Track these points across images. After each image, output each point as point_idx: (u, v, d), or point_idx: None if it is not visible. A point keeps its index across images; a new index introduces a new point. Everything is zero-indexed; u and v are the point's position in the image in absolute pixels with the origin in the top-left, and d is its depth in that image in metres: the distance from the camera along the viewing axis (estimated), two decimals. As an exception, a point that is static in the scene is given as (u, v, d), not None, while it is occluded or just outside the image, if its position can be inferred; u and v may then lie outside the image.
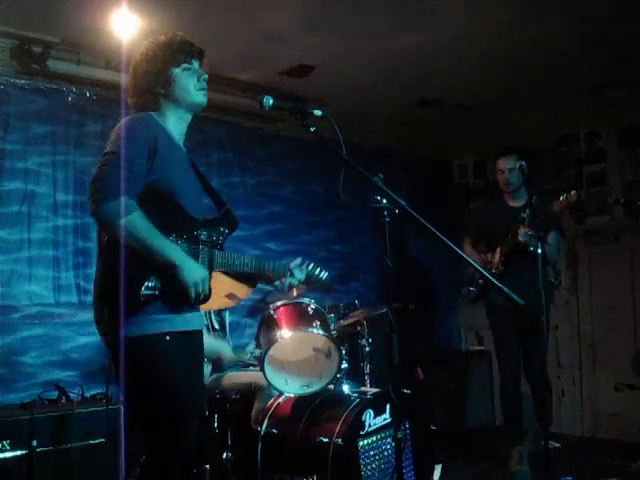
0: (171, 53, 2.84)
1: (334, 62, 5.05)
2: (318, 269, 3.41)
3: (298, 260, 3.23)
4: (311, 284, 3.48)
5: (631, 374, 6.14)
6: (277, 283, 3.17)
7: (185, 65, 2.86)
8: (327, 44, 4.74)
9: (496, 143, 5.69)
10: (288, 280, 3.15)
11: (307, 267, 3.29)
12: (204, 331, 3.10)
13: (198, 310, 2.92)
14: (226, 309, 4.90)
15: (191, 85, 2.86)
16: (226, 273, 3.13)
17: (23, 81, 4.65)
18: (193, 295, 2.65)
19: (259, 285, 3.37)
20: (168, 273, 2.60)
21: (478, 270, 3.12)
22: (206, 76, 2.93)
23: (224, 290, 4.24)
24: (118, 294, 2.52)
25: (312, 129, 2.74)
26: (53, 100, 4.80)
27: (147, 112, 2.81)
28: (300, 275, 3.18)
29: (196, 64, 2.91)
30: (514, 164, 4.95)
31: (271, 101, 2.74)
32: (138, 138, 2.65)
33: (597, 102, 5.82)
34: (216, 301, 4.33)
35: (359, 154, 2.72)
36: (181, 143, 2.93)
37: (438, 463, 4.28)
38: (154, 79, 2.82)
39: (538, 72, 5.29)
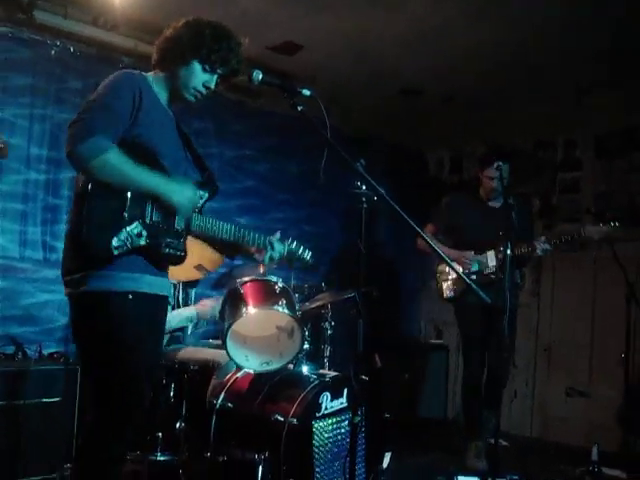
0: (212, 48, 2.77)
1: (321, 43, 5.04)
2: (301, 248, 3.39)
3: (278, 234, 3.20)
4: (293, 262, 3.42)
5: (583, 381, 6.24)
6: (256, 256, 3.15)
7: (208, 67, 2.81)
8: (316, 24, 4.72)
9: (474, 139, 5.72)
10: (268, 253, 3.11)
11: (289, 243, 3.27)
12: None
13: (166, 276, 2.90)
14: (194, 283, 4.88)
15: (195, 83, 2.82)
16: (205, 240, 3.12)
17: (6, 29, 4.57)
18: (190, 211, 2.73)
19: (227, 258, 3.35)
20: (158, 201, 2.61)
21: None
22: (212, 87, 2.87)
23: (192, 262, 4.24)
24: (87, 246, 2.50)
25: (299, 108, 2.73)
26: (36, 52, 4.72)
27: (138, 72, 2.80)
28: (280, 248, 3.16)
29: (218, 74, 2.85)
30: (507, 173, 4.96)
31: (260, 76, 2.73)
32: (122, 88, 2.64)
33: (577, 105, 5.87)
34: (184, 272, 4.34)
35: (338, 137, 2.71)
36: (167, 107, 2.91)
37: (388, 451, 4.32)
38: (179, 50, 2.79)
39: (520, 71, 5.32)
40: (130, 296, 2.60)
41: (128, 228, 2.55)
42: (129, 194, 2.55)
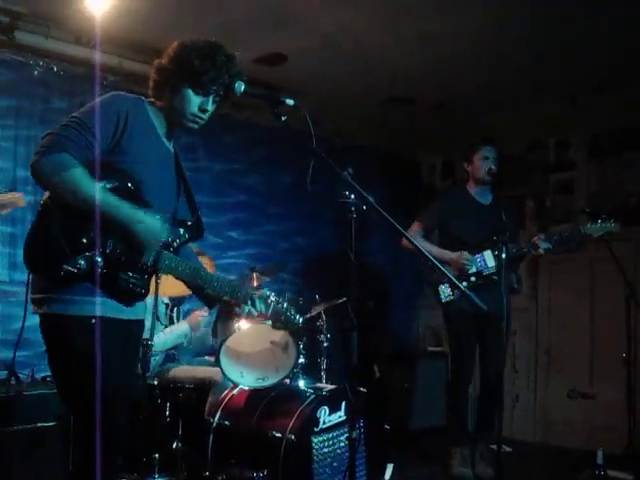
0: (198, 71, 2.67)
1: (307, 54, 5.01)
2: (292, 310, 3.18)
3: (265, 292, 3.04)
4: (277, 323, 3.22)
5: (585, 383, 6.19)
6: (236, 309, 2.96)
7: (200, 90, 2.71)
8: (300, 36, 4.69)
9: (466, 144, 5.68)
10: (247, 308, 2.93)
11: (278, 303, 3.07)
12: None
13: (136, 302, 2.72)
14: (183, 301, 4.83)
15: (190, 109, 2.72)
16: (183, 282, 2.94)
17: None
18: (149, 250, 2.54)
19: (220, 273, 3.28)
20: (120, 233, 2.46)
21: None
22: (210, 109, 2.78)
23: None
24: (38, 266, 2.42)
25: (283, 118, 2.69)
26: (19, 73, 4.69)
27: (135, 96, 2.70)
28: (262, 307, 2.96)
29: (214, 94, 2.75)
30: (496, 154, 4.98)
31: (243, 87, 2.69)
32: (107, 111, 2.52)
33: (570, 107, 5.85)
34: (175, 288, 4.27)
35: (329, 148, 2.68)
36: (165, 140, 2.80)
37: (390, 462, 4.27)
38: (167, 79, 2.73)
39: (510, 73, 5.31)
40: (93, 320, 2.45)
41: (85, 254, 2.41)
42: (93, 218, 2.40)
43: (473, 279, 4.93)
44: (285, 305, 3.12)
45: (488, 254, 4.95)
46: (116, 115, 2.53)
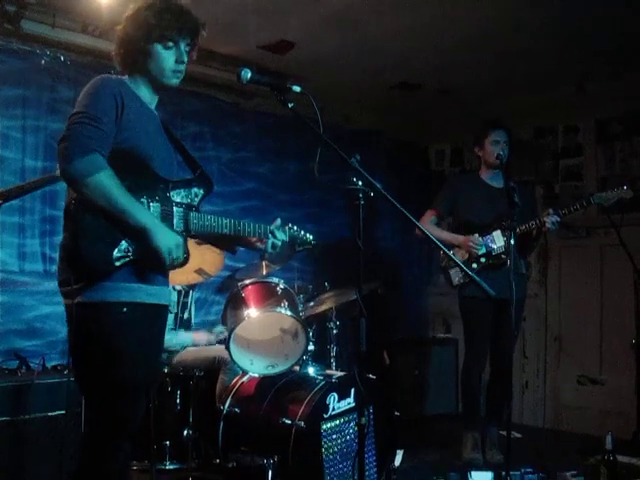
0: (159, 25, 2.70)
1: (314, 40, 4.99)
2: (302, 231, 3.36)
3: (278, 221, 3.15)
4: (295, 246, 3.36)
5: (595, 368, 6.18)
6: (258, 244, 3.11)
7: (170, 43, 2.73)
8: (307, 21, 4.67)
9: (475, 129, 5.66)
10: (270, 241, 3.07)
11: (290, 228, 3.24)
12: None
13: (166, 284, 2.85)
14: (194, 288, 4.85)
15: (168, 65, 2.76)
16: (205, 238, 3.06)
17: (-6, 41, 4.54)
18: (167, 262, 2.58)
19: (229, 262, 3.31)
20: (139, 237, 2.52)
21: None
22: (186, 59, 2.81)
23: (193, 265, 4.20)
24: (88, 258, 2.46)
25: (290, 105, 2.69)
26: (26, 62, 4.68)
27: (118, 77, 2.76)
28: (282, 236, 3.11)
29: (183, 43, 2.78)
30: (507, 138, 5.00)
31: (249, 74, 2.68)
32: (105, 96, 2.57)
33: (578, 91, 5.82)
34: (185, 276, 4.31)
35: (338, 134, 2.68)
36: (152, 107, 2.87)
37: (400, 449, 4.28)
38: (134, 46, 2.74)
39: (518, 59, 5.27)
40: (125, 308, 2.54)
41: (125, 240, 2.52)
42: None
43: (483, 260, 4.95)
44: (296, 228, 3.31)
45: (497, 234, 4.96)
46: (113, 97, 2.59)
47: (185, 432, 4.09)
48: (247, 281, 4.08)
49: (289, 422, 3.65)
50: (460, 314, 5.26)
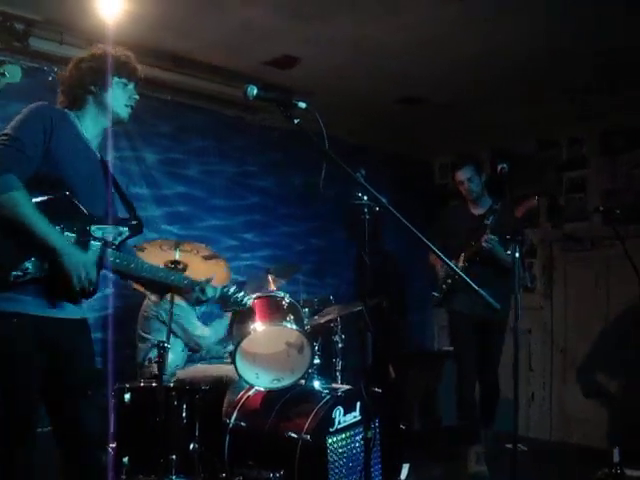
0: (118, 64, 2.92)
1: (318, 55, 5.01)
2: (241, 293, 3.39)
3: (212, 276, 3.21)
4: (227, 305, 3.42)
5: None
6: (186, 295, 3.15)
7: (125, 80, 2.94)
8: (312, 37, 4.70)
9: (478, 143, 5.70)
10: (195, 294, 3.10)
11: (224, 289, 3.27)
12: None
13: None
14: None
15: (123, 98, 2.94)
16: (127, 278, 3.05)
17: (3, 58, 4.57)
18: (76, 283, 2.60)
19: (235, 276, 3.33)
20: (49, 259, 2.55)
21: (451, 274, 3.08)
22: (137, 98, 3.00)
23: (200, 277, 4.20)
24: None
25: (295, 121, 2.70)
26: (33, 79, 4.71)
27: (59, 108, 2.87)
28: (211, 292, 3.15)
29: (132, 85, 2.98)
30: (471, 173, 5.17)
31: (255, 91, 2.70)
32: (34, 123, 2.65)
33: (580, 104, 5.83)
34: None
35: (341, 148, 2.70)
36: (94, 144, 2.94)
37: (406, 462, 4.27)
38: (95, 77, 2.88)
39: (521, 72, 5.28)
40: (15, 319, 2.56)
41: (31, 259, 2.54)
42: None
43: (449, 281, 5.16)
44: (233, 290, 3.34)
45: (461, 257, 5.09)
46: (42, 124, 2.66)
47: (191, 446, 4.08)
48: (253, 295, 4.09)
49: (295, 436, 3.66)
50: (449, 330, 5.38)
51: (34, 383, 2.67)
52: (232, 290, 3.33)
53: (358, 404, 3.91)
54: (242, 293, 3.39)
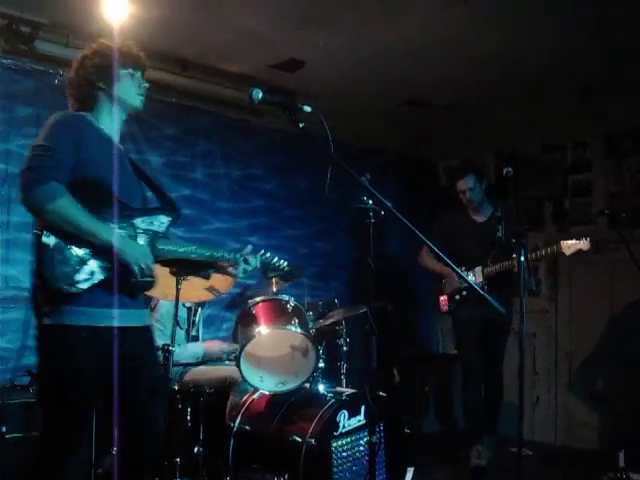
0: (122, 56, 2.94)
1: (323, 59, 5.02)
2: (276, 257, 3.41)
3: (249, 247, 3.22)
4: (268, 272, 3.44)
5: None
6: (230, 270, 3.20)
7: (131, 71, 2.97)
8: (316, 41, 4.70)
9: (483, 146, 5.69)
10: (242, 266, 3.15)
11: (262, 255, 3.30)
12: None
13: (138, 307, 2.89)
14: (203, 305, 4.86)
15: (133, 88, 2.97)
16: (173, 264, 3.14)
17: (9, 61, 4.58)
18: (138, 274, 2.67)
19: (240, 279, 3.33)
20: (107, 258, 2.61)
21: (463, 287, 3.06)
22: (146, 85, 3.04)
23: (204, 283, 4.20)
24: (52, 281, 2.54)
25: (301, 125, 2.71)
26: (39, 82, 4.73)
27: (76, 112, 2.92)
28: (254, 262, 3.19)
29: (139, 74, 3.01)
30: (473, 182, 5.25)
31: (260, 94, 2.70)
32: (64, 131, 2.71)
33: (585, 106, 5.81)
34: (196, 293, 4.31)
35: (346, 151, 2.70)
36: (114, 137, 2.98)
37: (410, 466, 4.27)
38: (101, 73, 2.91)
39: (526, 75, 5.28)
40: (84, 333, 2.61)
41: (91, 262, 2.60)
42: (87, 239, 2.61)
43: (464, 293, 5.25)
44: (268, 255, 3.36)
45: (478, 270, 5.21)
46: (70, 132, 2.72)
47: (196, 449, 4.09)
48: (257, 298, 4.09)
49: (299, 439, 3.66)
50: (454, 333, 5.48)
51: (95, 396, 2.78)
52: (268, 255, 3.35)
53: (363, 408, 3.90)
54: (277, 257, 3.41)
